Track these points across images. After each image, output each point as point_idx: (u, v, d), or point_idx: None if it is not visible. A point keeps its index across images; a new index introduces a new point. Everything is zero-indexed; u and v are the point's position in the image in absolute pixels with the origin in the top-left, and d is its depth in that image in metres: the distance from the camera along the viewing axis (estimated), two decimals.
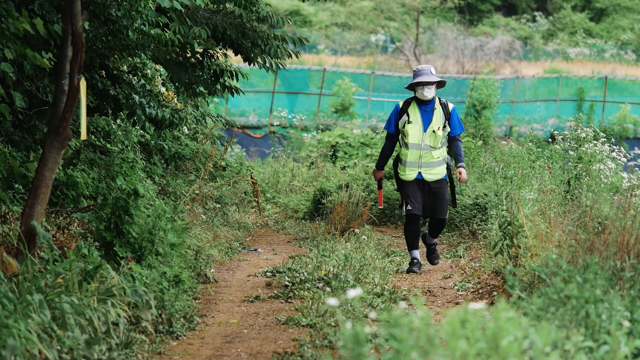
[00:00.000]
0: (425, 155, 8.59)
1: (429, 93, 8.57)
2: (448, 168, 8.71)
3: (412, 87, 8.65)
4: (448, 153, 8.75)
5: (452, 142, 8.71)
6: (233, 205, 11.48)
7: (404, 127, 8.61)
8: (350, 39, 50.33)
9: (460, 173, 8.62)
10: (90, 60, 7.88)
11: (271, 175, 15.26)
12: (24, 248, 5.83)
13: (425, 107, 8.63)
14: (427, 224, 9.24)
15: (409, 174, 8.62)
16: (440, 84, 8.65)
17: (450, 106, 8.71)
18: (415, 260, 8.72)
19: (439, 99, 8.70)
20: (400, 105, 8.70)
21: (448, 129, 8.64)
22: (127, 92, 8.14)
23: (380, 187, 9.08)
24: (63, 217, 7.75)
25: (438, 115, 8.62)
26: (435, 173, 8.62)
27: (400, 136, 8.70)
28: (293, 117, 25.99)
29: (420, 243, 9.43)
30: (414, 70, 8.73)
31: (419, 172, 8.60)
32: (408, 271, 8.70)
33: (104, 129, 9.84)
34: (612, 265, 5.24)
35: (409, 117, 8.61)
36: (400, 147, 8.74)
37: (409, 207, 8.57)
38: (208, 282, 7.99)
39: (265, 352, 5.71)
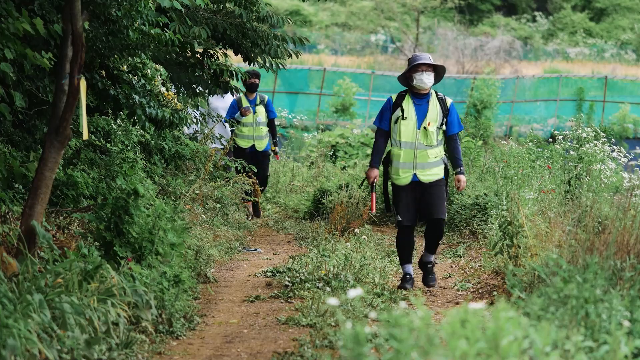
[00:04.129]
0: (421, 155, 7.73)
1: (428, 79, 7.66)
2: (446, 168, 7.90)
3: (407, 77, 7.75)
4: (445, 153, 7.97)
5: (449, 143, 7.87)
6: (233, 205, 11.48)
7: (396, 122, 7.76)
8: (350, 39, 50.35)
9: (459, 181, 7.83)
10: (90, 60, 7.87)
11: (271, 175, 15.25)
12: (24, 248, 5.83)
13: (420, 100, 7.76)
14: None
15: (403, 177, 7.77)
16: (440, 72, 7.77)
17: (449, 101, 7.84)
18: (408, 276, 7.85)
19: (436, 92, 7.84)
20: (394, 99, 7.82)
21: (444, 127, 7.81)
22: (127, 92, 8.13)
23: (372, 189, 8.03)
24: (63, 217, 7.75)
25: (434, 110, 7.75)
26: (433, 174, 7.77)
27: (391, 134, 7.86)
28: (293, 117, 25.99)
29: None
30: (409, 59, 7.81)
31: (414, 174, 7.75)
32: (400, 287, 7.81)
33: (104, 129, 9.84)
34: (612, 265, 5.24)
35: (403, 113, 7.73)
36: (392, 146, 7.89)
37: (400, 219, 7.78)
38: (208, 282, 7.99)
39: (265, 352, 5.71)
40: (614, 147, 10.80)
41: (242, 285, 8.01)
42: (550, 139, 11.99)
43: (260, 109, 12.55)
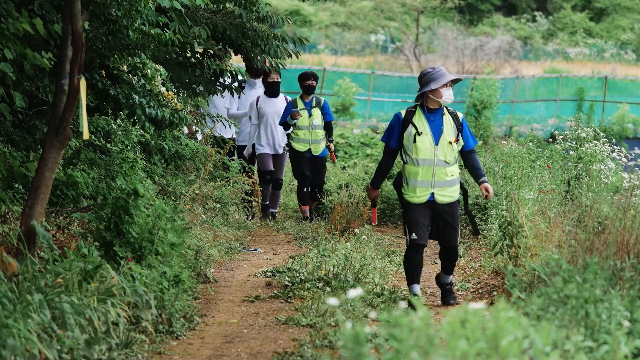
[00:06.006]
0: (439, 172, 7.31)
1: (451, 95, 7.39)
2: (462, 187, 7.55)
3: (434, 93, 7.36)
4: (464, 167, 7.64)
5: (467, 156, 7.50)
6: (233, 205, 11.47)
7: (414, 141, 7.33)
8: (350, 39, 50.37)
9: (487, 190, 7.36)
10: (90, 60, 7.87)
11: None
12: (24, 248, 5.83)
13: (433, 115, 7.39)
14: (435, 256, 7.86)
15: (421, 195, 7.34)
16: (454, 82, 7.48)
17: (460, 116, 7.51)
18: (416, 297, 7.27)
19: (446, 107, 7.48)
20: (403, 115, 7.42)
21: (461, 142, 7.46)
22: (127, 92, 8.13)
23: (374, 205, 7.77)
24: (63, 217, 7.75)
25: (449, 125, 7.40)
26: (449, 195, 7.37)
27: (403, 152, 7.43)
28: None
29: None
30: (428, 73, 7.41)
31: (432, 193, 7.34)
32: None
33: (104, 129, 9.84)
34: (612, 265, 5.24)
35: (417, 129, 7.34)
36: (405, 164, 7.42)
37: (414, 237, 7.30)
38: (208, 282, 7.99)
39: (265, 352, 5.71)
40: (614, 147, 10.80)
41: (242, 285, 8.01)
42: (550, 139, 11.99)
43: (316, 112, 11.91)
